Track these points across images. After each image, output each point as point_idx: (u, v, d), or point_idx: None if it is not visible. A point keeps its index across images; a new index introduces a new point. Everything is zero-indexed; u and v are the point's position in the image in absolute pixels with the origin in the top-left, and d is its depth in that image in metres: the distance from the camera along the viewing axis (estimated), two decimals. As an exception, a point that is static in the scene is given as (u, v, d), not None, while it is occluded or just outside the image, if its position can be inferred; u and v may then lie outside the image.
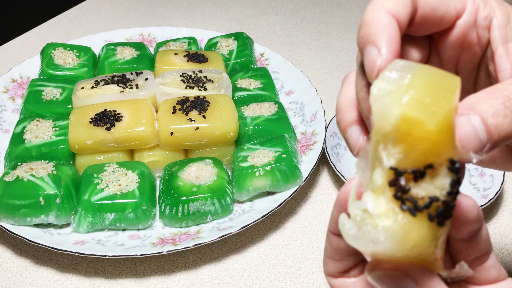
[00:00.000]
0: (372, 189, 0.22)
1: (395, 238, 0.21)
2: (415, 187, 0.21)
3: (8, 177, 0.55)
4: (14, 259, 0.55)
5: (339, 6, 1.07)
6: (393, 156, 0.21)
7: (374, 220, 0.21)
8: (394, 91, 0.21)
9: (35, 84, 0.70)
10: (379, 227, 0.21)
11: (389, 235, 0.21)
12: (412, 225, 0.21)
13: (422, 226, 0.21)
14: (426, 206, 0.21)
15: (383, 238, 0.21)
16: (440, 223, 0.21)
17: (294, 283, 0.53)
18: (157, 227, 0.57)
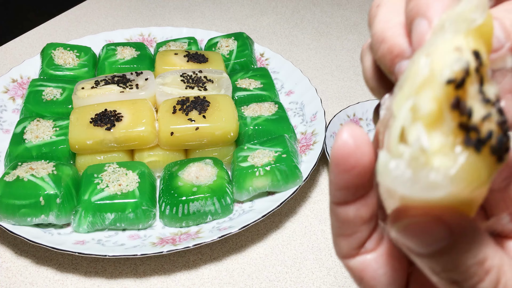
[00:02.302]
0: (420, 118, 0.17)
1: (458, 182, 0.17)
2: (475, 106, 0.17)
3: (8, 177, 0.55)
4: (14, 259, 0.55)
5: (339, 6, 1.07)
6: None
7: (429, 159, 0.17)
8: None
9: (35, 84, 0.70)
10: (438, 168, 0.16)
11: (451, 177, 0.17)
12: (476, 164, 0.17)
13: (485, 163, 0.17)
14: (488, 136, 0.17)
15: (444, 182, 0.17)
16: (500, 158, 0.17)
17: (294, 283, 0.54)
18: (157, 227, 0.57)
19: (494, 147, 0.17)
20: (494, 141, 0.17)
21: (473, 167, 0.17)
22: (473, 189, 0.17)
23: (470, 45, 0.17)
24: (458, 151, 0.17)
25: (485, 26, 0.18)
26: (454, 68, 0.16)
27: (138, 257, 0.54)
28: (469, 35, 0.17)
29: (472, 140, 0.17)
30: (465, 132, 0.17)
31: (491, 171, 0.17)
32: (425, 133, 0.17)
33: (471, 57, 0.17)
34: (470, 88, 0.17)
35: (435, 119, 0.17)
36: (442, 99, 0.17)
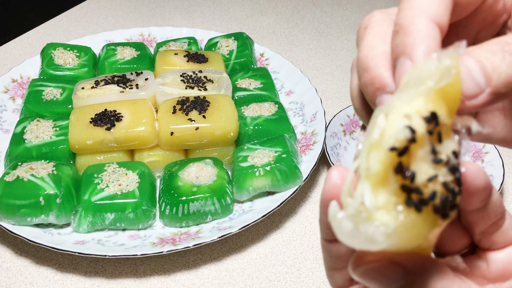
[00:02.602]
0: (368, 176, 0.19)
1: (395, 237, 0.18)
2: (419, 170, 0.18)
3: (8, 177, 0.55)
4: (14, 259, 0.55)
5: (339, 6, 1.07)
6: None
7: (371, 215, 0.18)
8: None
9: (35, 84, 0.70)
10: (377, 225, 0.18)
11: (388, 234, 0.18)
12: (415, 222, 0.18)
13: (426, 221, 0.18)
14: (431, 197, 0.18)
15: (381, 239, 0.18)
16: (445, 215, 0.19)
17: (294, 283, 0.54)
18: (157, 227, 0.57)
19: (437, 207, 0.18)
20: (437, 201, 0.18)
21: (413, 225, 0.18)
22: (414, 243, 0.19)
23: (428, 107, 0.18)
24: (400, 209, 0.18)
25: (451, 86, 0.19)
26: (398, 137, 0.18)
27: (138, 257, 0.54)
28: (431, 95, 0.18)
29: (413, 201, 0.18)
30: (407, 193, 0.18)
31: (434, 227, 0.19)
32: (369, 191, 0.18)
33: (421, 124, 0.18)
34: (418, 152, 0.18)
35: (381, 179, 0.18)
36: (387, 163, 0.18)
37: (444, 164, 0.18)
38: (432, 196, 0.18)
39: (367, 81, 0.22)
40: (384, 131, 0.18)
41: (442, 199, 0.18)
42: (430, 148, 0.18)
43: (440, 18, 0.21)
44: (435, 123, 0.18)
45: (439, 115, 0.18)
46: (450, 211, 0.19)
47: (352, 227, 0.18)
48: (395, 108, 0.19)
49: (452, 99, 0.19)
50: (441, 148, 0.19)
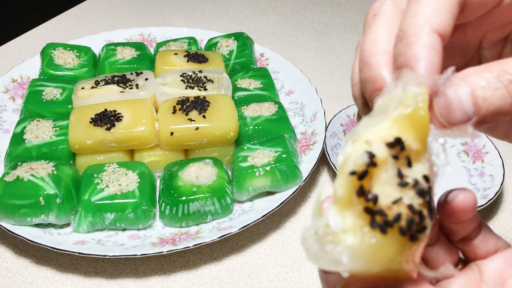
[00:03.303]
0: (335, 200, 0.19)
1: (361, 258, 0.18)
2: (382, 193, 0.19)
3: (8, 177, 0.55)
4: (14, 259, 0.55)
5: (339, 6, 1.07)
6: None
7: (338, 236, 0.19)
8: None
9: (35, 84, 0.70)
10: (343, 246, 0.18)
11: (353, 255, 0.18)
12: (381, 243, 0.18)
13: (394, 243, 0.19)
14: (395, 219, 0.18)
15: (346, 260, 0.18)
16: (413, 237, 0.19)
17: (294, 283, 0.54)
18: (157, 227, 0.57)
19: (403, 229, 0.18)
20: (403, 223, 0.18)
21: (379, 247, 0.18)
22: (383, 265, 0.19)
23: (393, 133, 0.19)
24: (365, 231, 0.18)
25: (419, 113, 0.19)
26: (357, 162, 0.19)
27: (138, 257, 0.54)
28: (398, 121, 0.19)
29: (377, 222, 0.18)
30: (371, 215, 0.18)
31: (403, 250, 0.19)
32: (335, 213, 0.19)
33: (382, 149, 0.19)
34: (382, 176, 0.19)
35: (347, 202, 0.19)
36: (349, 187, 0.19)
37: (410, 187, 0.19)
38: (397, 218, 0.18)
39: (367, 78, 0.22)
40: (348, 156, 0.19)
41: (408, 221, 0.18)
42: (396, 172, 0.19)
43: (443, 28, 0.21)
44: (400, 148, 0.19)
45: (405, 140, 0.19)
46: (419, 233, 0.19)
47: (317, 248, 0.19)
48: (361, 134, 0.19)
49: (420, 125, 0.19)
50: (410, 172, 0.19)
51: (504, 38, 0.27)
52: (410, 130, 0.19)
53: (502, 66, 0.21)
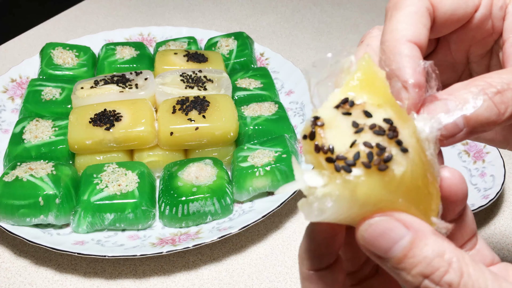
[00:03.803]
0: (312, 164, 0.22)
1: (341, 200, 0.20)
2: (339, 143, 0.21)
3: (7, 177, 0.55)
4: (13, 259, 0.55)
5: (339, 6, 1.07)
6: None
7: (319, 191, 0.21)
8: None
9: (35, 84, 0.70)
10: (322, 195, 0.21)
11: (332, 199, 0.20)
12: (352, 181, 0.21)
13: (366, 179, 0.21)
14: (355, 156, 0.21)
15: (329, 204, 0.20)
16: (381, 168, 0.21)
17: (294, 284, 0.53)
18: (157, 228, 0.57)
19: (365, 162, 0.21)
20: (364, 158, 0.21)
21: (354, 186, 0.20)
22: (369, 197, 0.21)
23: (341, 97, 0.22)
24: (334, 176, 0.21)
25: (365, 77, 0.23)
26: (305, 127, 0.22)
27: (137, 257, 0.54)
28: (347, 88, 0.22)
29: (339, 165, 0.21)
30: (333, 163, 0.21)
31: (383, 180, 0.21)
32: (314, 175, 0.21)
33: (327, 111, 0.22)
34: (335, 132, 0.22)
35: (317, 164, 0.21)
36: (309, 150, 0.22)
37: (367, 130, 0.21)
38: (356, 157, 0.21)
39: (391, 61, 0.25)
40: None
41: (368, 154, 0.21)
42: (351, 124, 0.22)
43: (418, 38, 0.25)
44: (349, 105, 0.22)
45: (352, 98, 0.22)
46: (387, 162, 0.21)
47: (307, 207, 0.21)
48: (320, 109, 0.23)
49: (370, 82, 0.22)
50: (369, 121, 0.22)
51: (490, 51, 0.30)
52: (361, 88, 0.22)
53: (486, 79, 0.23)
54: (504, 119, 0.23)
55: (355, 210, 0.21)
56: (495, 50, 0.29)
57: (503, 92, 0.23)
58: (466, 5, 0.26)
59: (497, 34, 0.28)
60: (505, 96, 0.23)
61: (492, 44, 0.29)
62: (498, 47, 0.29)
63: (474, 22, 0.27)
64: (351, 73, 0.23)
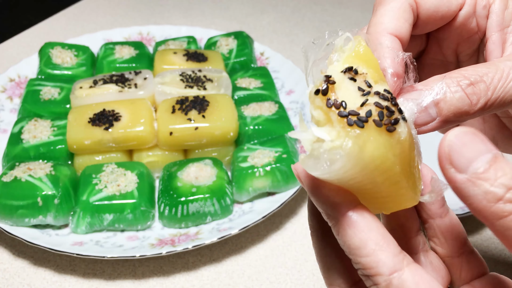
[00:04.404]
0: (317, 122, 0.22)
1: (350, 153, 0.21)
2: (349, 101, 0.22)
3: (6, 178, 0.54)
4: (12, 260, 0.54)
5: (340, 5, 1.07)
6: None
7: (328, 144, 0.21)
8: None
9: (33, 83, 0.69)
10: (333, 147, 0.21)
11: (343, 151, 0.21)
12: (363, 137, 0.21)
13: (377, 138, 0.21)
14: (368, 113, 0.21)
15: (338, 156, 0.21)
16: (390, 129, 0.22)
17: (294, 285, 0.53)
18: (156, 228, 0.56)
19: (377, 121, 0.21)
20: (375, 117, 0.21)
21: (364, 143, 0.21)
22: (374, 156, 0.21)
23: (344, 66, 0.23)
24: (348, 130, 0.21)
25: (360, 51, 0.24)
26: (317, 82, 0.23)
27: (136, 258, 0.54)
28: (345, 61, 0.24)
29: (352, 119, 0.21)
30: (345, 117, 0.21)
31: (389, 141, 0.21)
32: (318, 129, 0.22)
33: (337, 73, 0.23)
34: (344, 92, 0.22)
35: (326, 120, 0.22)
36: (320, 105, 0.22)
37: (373, 94, 0.22)
38: (369, 114, 0.21)
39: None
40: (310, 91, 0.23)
41: (379, 114, 0.22)
42: (357, 88, 0.23)
43: (399, 31, 0.27)
44: (354, 72, 0.23)
45: (356, 67, 0.23)
46: (395, 124, 0.22)
47: (314, 160, 0.21)
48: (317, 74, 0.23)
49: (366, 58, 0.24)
50: (371, 89, 0.23)
51: (477, 50, 0.31)
52: (360, 62, 0.23)
53: (462, 72, 0.25)
54: (476, 110, 0.24)
55: (356, 170, 0.21)
56: (481, 49, 0.30)
57: (475, 84, 0.24)
58: (449, 3, 0.28)
59: (482, 32, 0.29)
60: (477, 87, 0.24)
61: (479, 43, 0.30)
62: (483, 46, 0.30)
63: (459, 20, 0.29)
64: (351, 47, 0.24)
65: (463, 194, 0.21)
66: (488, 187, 0.20)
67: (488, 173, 0.20)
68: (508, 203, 0.20)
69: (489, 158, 0.20)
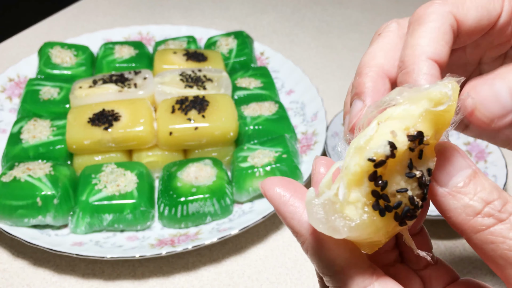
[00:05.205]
0: (346, 174, 0.21)
1: (356, 231, 0.20)
2: (391, 180, 0.21)
3: (5, 178, 0.54)
4: (11, 260, 0.54)
5: (340, 5, 1.07)
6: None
7: (342, 207, 0.20)
8: None
9: (33, 83, 0.69)
10: (345, 219, 0.20)
11: (350, 229, 0.20)
12: (376, 223, 0.21)
13: (386, 224, 0.21)
14: (395, 206, 0.21)
15: (345, 230, 0.20)
16: (402, 223, 0.21)
17: (294, 285, 0.53)
18: (156, 228, 0.56)
19: (398, 215, 0.21)
20: (400, 210, 0.21)
21: (373, 225, 0.21)
22: (369, 238, 0.21)
23: (418, 126, 0.20)
24: (366, 210, 0.20)
25: (446, 112, 0.21)
26: (378, 151, 0.20)
27: (136, 258, 0.54)
28: (424, 116, 0.21)
29: (379, 206, 0.20)
30: (376, 198, 0.20)
31: (390, 230, 0.21)
32: (344, 187, 0.21)
33: (404, 141, 0.20)
34: (396, 164, 0.20)
35: (357, 180, 0.21)
36: (364, 169, 0.20)
37: (416, 179, 0.21)
38: (397, 206, 0.21)
39: (354, 84, 0.26)
40: (370, 139, 0.21)
41: (404, 210, 0.21)
42: (408, 163, 0.21)
43: (439, 55, 0.24)
44: (419, 142, 0.20)
45: (425, 135, 0.20)
46: (408, 220, 0.21)
47: (322, 215, 0.20)
48: (388, 118, 0.21)
49: (441, 124, 0.21)
50: (419, 163, 0.21)
51: (504, 54, 0.30)
52: (432, 125, 0.21)
53: None
54: None
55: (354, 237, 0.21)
56: (509, 54, 0.29)
57: None
58: (489, 15, 0.26)
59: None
60: None
61: (508, 49, 0.29)
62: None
63: (495, 29, 0.27)
64: (434, 100, 0.20)
65: (443, 207, 0.21)
66: (467, 201, 0.20)
67: (468, 188, 0.20)
68: (486, 217, 0.20)
69: (469, 173, 0.21)
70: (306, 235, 0.22)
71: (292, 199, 0.22)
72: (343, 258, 0.21)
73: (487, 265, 0.55)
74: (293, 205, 0.22)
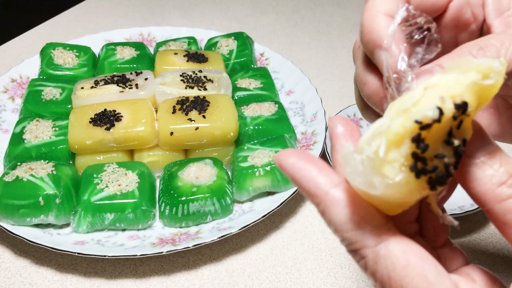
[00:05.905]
0: (387, 134, 0.21)
1: (391, 189, 0.21)
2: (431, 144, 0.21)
3: (7, 177, 0.55)
4: (13, 259, 0.55)
5: (339, 5, 1.07)
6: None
7: (380, 165, 0.20)
8: None
9: (35, 84, 0.70)
10: (382, 176, 0.20)
11: (387, 186, 0.21)
12: (410, 184, 0.21)
13: (418, 186, 0.21)
14: (431, 170, 0.21)
15: (381, 187, 0.21)
16: (433, 187, 0.21)
17: (294, 284, 0.53)
18: (157, 227, 0.57)
19: (432, 179, 0.21)
20: (434, 175, 0.21)
21: (407, 186, 0.21)
22: (401, 199, 0.21)
23: (464, 96, 0.21)
24: (403, 170, 0.21)
25: (492, 87, 0.21)
26: (427, 114, 0.20)
27: (137, 257, 0.54)
28: (471, 87, 0.21)
29: (417, 168, 0.21)
30: (414, 160, 0.21)
31: (421, 193, 0.21)
32: (384, 145, 0.21)
33: (451, 108, 0.20)
34: (438, 130, 0.21)
35: (398, 140, 0.21)
36: (408, 130, 0.20)
37: (453, 147, 0.21)
38: (432, 170, 0.21)
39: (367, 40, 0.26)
40: (417, 102, 0.21)
41: (439, 175, 0.21)
42: (449, 130, 0.21)
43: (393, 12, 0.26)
44: (463, 111, 0.21)
45: (470, 106, 0.21)
46: (440, 186, 0.22)
47: (361, 170, 0.21)
48: (436, 85, 0.21)
49: (484, 97, 0.21)
50: (457, 133, 0.21)
51: None
52: (476, 98, 0.21)
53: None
54: None
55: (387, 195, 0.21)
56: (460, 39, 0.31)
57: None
58: None
59: (479, 22, 0.29)
60: None
61: (478, 33, 0.30)
62: (485, 34, 0.29)
63: (451, 12, 0.29)
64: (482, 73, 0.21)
65: (468, 177, 0.22)
66: (493, 172, 0.21)
67: (494, 160, 0.22)
68: (510, 188, 0.21)
69: (494, 147, 0.22)
70: (321, 196, 0.22)
71: (305, 164, 0.23)
72: (359, 215, 0.22)
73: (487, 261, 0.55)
74: (306, 169, 0.23)
